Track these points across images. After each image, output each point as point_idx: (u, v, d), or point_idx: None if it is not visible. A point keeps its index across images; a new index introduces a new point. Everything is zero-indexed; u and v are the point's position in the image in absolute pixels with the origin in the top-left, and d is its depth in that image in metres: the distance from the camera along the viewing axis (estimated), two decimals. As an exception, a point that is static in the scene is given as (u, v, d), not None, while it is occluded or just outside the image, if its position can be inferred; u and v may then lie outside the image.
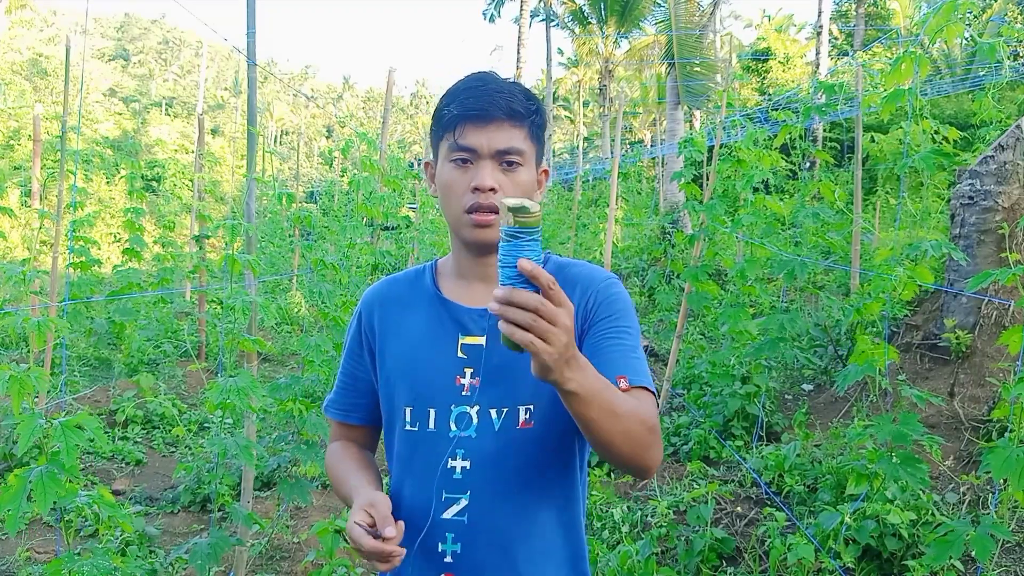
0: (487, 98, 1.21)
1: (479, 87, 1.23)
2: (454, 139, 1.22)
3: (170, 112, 57.34)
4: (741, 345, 5.08)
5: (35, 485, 1.87)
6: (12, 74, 38.15)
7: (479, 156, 1.21)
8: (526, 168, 1.24)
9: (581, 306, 1.27)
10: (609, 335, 1.24)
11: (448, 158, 1.23)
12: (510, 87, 1.24)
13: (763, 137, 5.08)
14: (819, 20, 17.32)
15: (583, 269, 1.33)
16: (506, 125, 1.21)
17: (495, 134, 1.21)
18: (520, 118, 1.23)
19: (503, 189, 1.21)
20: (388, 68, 5.99)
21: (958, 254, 2.87)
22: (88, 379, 6.52)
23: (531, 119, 1.25)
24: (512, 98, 1.22)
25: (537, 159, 1.28)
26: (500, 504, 1.22)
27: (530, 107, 1.24)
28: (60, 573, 1.99)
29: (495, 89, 1.22)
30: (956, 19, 2.64)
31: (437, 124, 1.26)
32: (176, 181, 25.87)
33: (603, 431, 1.06)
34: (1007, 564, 3.05)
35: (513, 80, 1.29)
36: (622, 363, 1.20)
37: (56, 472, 1.89)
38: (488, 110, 1.20)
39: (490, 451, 1.21)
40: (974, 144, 7.34)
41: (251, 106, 3.18)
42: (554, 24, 25.32)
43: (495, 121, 1.21)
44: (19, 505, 1.84)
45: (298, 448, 3.42)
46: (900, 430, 2.72)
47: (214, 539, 2.57)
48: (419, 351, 1.29)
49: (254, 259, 2.94)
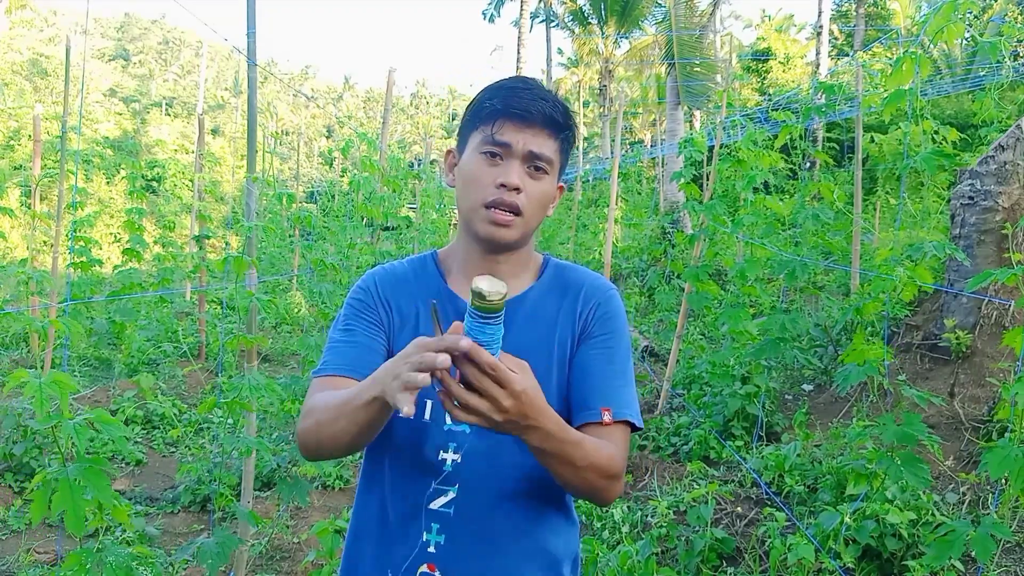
0: (531, 101, 1.23)
1: (525, 89, 1.25)
2: (491, 132, 1.23)
3: (170, 112, 57.33)
4: (741, 345, 5.08)
5: (80, 480, 1.80)
6: (12, 74, 38.14)
7: (511, 154, 1.23)
8: (550, 178, 1.27)
9: (580, 312, 1.30)
10: (602, 354, 1.27)
11: (479, 149, 1.24)
12: (553, 98, 1.26)
13: (763, 137, 5.08)
14: (819, 20, 17.33)
15: (584, 275, 1.36)
16: (543, 132, 1.24)
17: (531, 137, 1.23)
18: (557, 129, 1.25)
19: (527, 191, 1.23)
20: (388, 68, 5.99)
21: (959, 255, 2.87)
22: (88, 379, 6.52)
23: (565, 134, 1.27)
24: (554, 108, 1.24)
25: (560, 173, 1.31)
26: (487, 500, 1.23)
27: (568, 122, 1.27)
28: (81, 564, 1.95)
29: (540, 95, 1.24)
30: (956, 19, 2.64)
31: (475, 115, 1.27)
32: (176, 181, 25.87)
33: (558, 475, 1.14)
34: (1007, 564, 3.05)
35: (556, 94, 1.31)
36: (610, 391, 1.25)
37: (93, 467, 1.84)
38: (530, 112, 1.22)
39: (482, 447, 1.23)
40: (974, 144, 7.34)
41: (251, 106, 3.18)
42: (554, 24, 25.34)
43: (534, 125, 1.23)
44: (77, 503, 1.77)
45: (297, 448, 3.41)
46: (904, 431, 2.72)
47: (221, 538, 2.57)
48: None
49: (254, 259, 2.94)
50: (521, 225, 1.24)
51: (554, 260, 1.38)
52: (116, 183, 23.10)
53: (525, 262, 1.34)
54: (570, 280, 1.34)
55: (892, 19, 24.33)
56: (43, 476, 1.84)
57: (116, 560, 1.97)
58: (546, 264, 1.37)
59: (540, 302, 1.32)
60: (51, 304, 4.90)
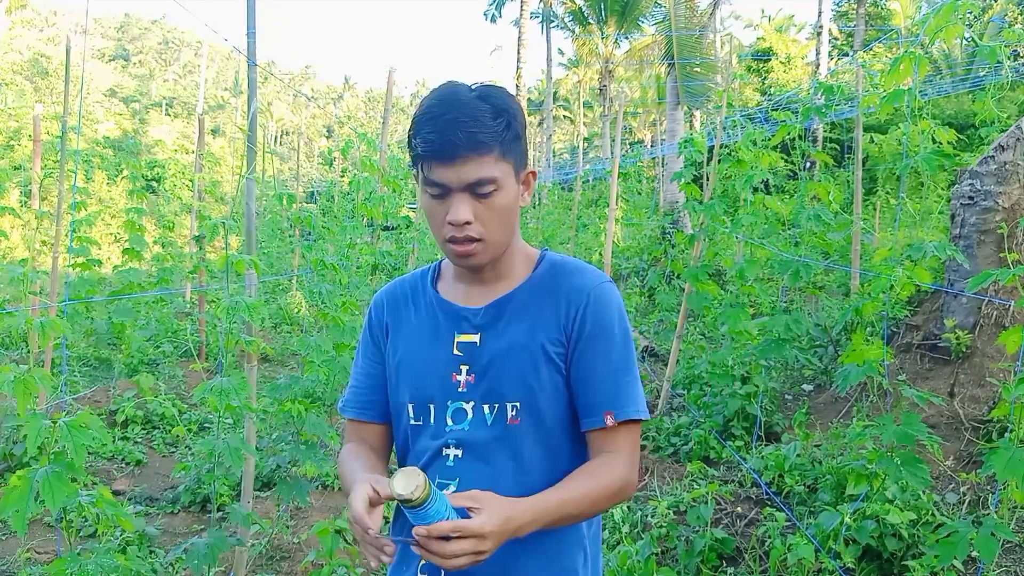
0: (449, 132, 1.16)
1: (440, 116, 1.17)
2: (425, 175, 1.22)
3: (170, 112, 57.32)
4: (741, 345, 5.08)
5: (42, 485, 1.86)
6: (12, 74, 38.14)
7: (451, 190, 1.21)
8: (501, 191, 1.22)
9: (565, 317, 1.28)
10: (597, 354, 1.27)
11: (424, 188, 1.25)
12: (472, 109, 1.17)
13: (761, 137, 5.07)
14: (819, 20, 17.34)
15: (570, 275, 1.33)
16: (473, 158, 1.18)
17: (462, 168, 1.18)
18: (485, 147, 1.18)
19: (480, 218, 1.22)
20: (388, 68, 5.99)
21: (958, 256, 2.87)
22: (88, 379, 6.52)
23: (501, 138, 1.20)
24: (475, 124, 1.16)
25: (517, 169, 1.26)
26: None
27: (498, 126, 1.19)
28: (64, 572, 1.98)
29: (457, 117, 1.16)
30: (956, 20, 2.64)
31: (409, 152, 1.25)
32: (176, 181, 25.89)
33: (574, 524, 1.27)
34: (1007, 564, 3.05)
35: (481, 87, 1.24)
36: (611, 391, 1.26)
37: (62, 472, 1.89)
38: (451, 146, 1.16)
39: (481, 443, 1.27)
40: (974, 144, 7.34)
41: (251, 106, 3.18)
42: (554, 25, 25.33)
43: (461, 155, 1.17)
44: (26, 506, 1.83)
45: (297, 448, 3.41)
46: (904, 431, 2.72)
47: (212, 539, 2.56)
48: (419, 350, 1.34)
49: (254, 259, 2.94)
50: (486, 248, 1.25)
51: (550, 256, 1.37)
52: (117, 183, 23.10)
53: (511, 264, 1.34)
54: (558, 282, 1.32)
55: (892, 19, 24.32)
56: (14, 479, 1.91)
57: (98, 569, 2.00)
58: (541, 260, 1.36)
59: (528, 301, 1.31)
60: (51, 304, 4.90)
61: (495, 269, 1.33)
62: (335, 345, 3.78)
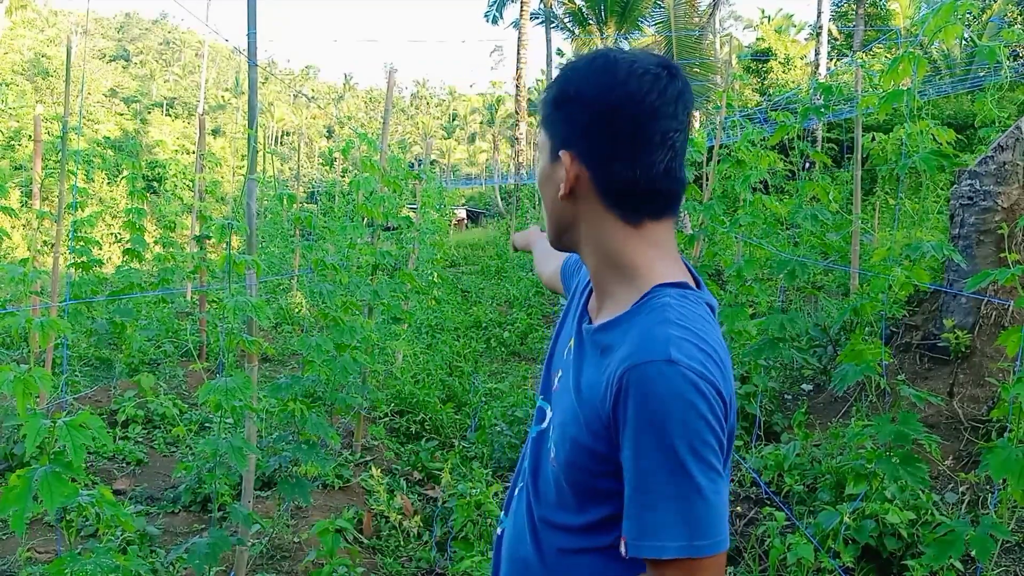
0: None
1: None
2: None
3: (171, 113, 57.36)
4: (740, 345, 5.09)
5: (40, 485, 1.87)
6: (13, 74, 38.16)
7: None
8: (544, 156, 1.15)
9: (607, 391, 0.99)
10: (626, 459, 0.97)
11: None
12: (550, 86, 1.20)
13: (759, 137, 5.08)
14: (818, 21, 17.35)
15: (630, 341, 1.00)
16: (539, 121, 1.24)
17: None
18: (540, 108, 1.20)
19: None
20: (389, 69, 6.00)
21: (956, 256, 2.88)
22: (89, 379, 6.53)
23: (547, 104, 1.14)
24: (542, 95, 1.22)
25: (558, 143, 1.10)
26: (526, 507, 1.23)
27: (545, 97, 1.16)
28: (63, 572, 1.99)
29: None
30: (955, 20, 2.65)
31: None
32: (177, 182, 25.90)
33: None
34: (1007, 564, 3.06)
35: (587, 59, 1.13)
36: (629, 512, 0.96)
37: (60, 472, 1.90)
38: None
39: (537, 452, 1.22)
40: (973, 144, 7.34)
41: (252, 106, 3.19)
42: (554, 26, 25.32)
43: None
44: (25, 505, 1.84)
45: (298, 448, 3.42)
46: (900, 430, 2.72)
47: (213, 539, 2.57)
48: (555, 345, 1.31)
49: (254, 259, 2.94)
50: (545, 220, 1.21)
51: (649, 298, 1.04)
52: (117, 183, 23.12)
53: (609, 284, 1.11)
54: (618, 338, 1.03)
55: (892, 19, 24.32)
56: (13, 478, 1.91)
57: (98, 569, 2.01)
58: (643, 298, 1.05)
59: (598, 343, 1.09)
60: (52, 304, 4.91)
61: (596, 282, 1.14)
62: (336, 345, 3.79)
